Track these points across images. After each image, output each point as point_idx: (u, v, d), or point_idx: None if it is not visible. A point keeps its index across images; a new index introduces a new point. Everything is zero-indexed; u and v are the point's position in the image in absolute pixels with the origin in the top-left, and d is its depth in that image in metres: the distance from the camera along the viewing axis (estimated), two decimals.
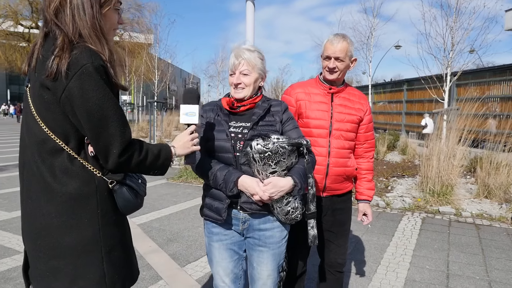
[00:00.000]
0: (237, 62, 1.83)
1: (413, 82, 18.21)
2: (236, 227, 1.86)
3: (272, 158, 1.68)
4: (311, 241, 1.89)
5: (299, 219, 1.82)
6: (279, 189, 1.70)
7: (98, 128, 1.28)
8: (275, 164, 1.69)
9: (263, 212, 1.82)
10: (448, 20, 8.87)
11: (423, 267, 3.68)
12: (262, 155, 1.67)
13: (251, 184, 1.72)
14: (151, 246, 4.14)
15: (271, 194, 1.69)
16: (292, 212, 1.77)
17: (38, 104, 1.34)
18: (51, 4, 1.32)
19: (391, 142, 12.92)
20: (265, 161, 1.68)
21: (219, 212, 1.80)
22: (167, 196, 6.54)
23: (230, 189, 1.72)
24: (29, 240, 1.40)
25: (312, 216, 1.88)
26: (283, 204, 1.76)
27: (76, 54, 1.26)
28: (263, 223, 1.85)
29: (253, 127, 1.80)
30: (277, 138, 1.71)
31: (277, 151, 1.67)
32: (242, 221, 1.84)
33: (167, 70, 17.83)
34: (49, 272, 1.35)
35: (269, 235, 1.87)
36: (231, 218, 1.85)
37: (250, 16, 5.85)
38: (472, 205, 5.96)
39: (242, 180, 1.73)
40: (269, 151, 1.66)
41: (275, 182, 1.70)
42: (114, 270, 1.40)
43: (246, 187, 1.73)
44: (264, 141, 1.68)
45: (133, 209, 1.44)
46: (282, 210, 1.77)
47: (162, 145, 1.50)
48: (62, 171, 1.32)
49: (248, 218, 1.84)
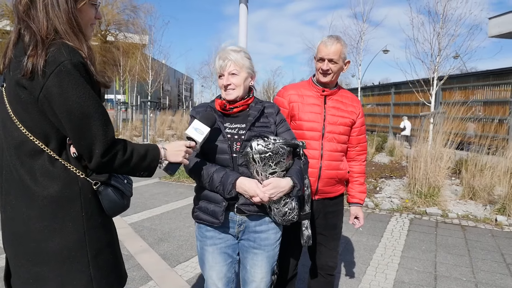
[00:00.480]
0: (224, 64, 1.81)
1: (400, 85, 18.46)
2: (232, 230, 1.85)
3: (273, 158, 1.68)
4: (305, 242, 1.91)
5: (295, 220, 1.83)
6: (279, 190, 1.70)
7: (80, 127, 1.23)
8: (275, 164, 1.70)
9: (260, 214, 1.82)
10: (435, 26, 9.03)
11: (411, 268, 3.74)
12: (263, 156, 1.66)
13: (250, 185, 1.70)
14: (142, 246, 4.12)
15: (271, 195, 1.69)
16: (289, 213, 1.78)
17: (15, 104, 1.28)
18: (21, 0, 1.27)
19: (379, 143, 13.08)
20: (266, 161, 1.68)
21: (216, 215, 1.77)
22: (159, 195, 6.51)
23: (229, 191, 1.70)
24: (10, 247, 1.34)
25: (307, 217, 1.89)
26: (280, 205, 1.77)
27: (53, 51, 1.21)
28: (259, 225, 1.85)
29: (250, 128, 1.80)
30: (274, 139, 1.71)
31: (278, 152, 1.67)
32: (238, 224, 1.83)
33: (161, 71, 17.77)
34: (32, 279, 1.29)
35: (265, 237, 1.87)
36: (228, 221, 1.83)
37: (243, 18, 5.86)
38: (458, 206, 6.08)
39: (240, 182, 1.72)
40: (270, 151, 1.66)
41: (275, 183, 1.69)
42: (102, 274, 1.35)
43: (245, 189, 1.71)
44: (265, 142, 1.68)
45: (119, 211, 1.40)
46: (280, 211, 1.77)
47: (150, 145, 1.45)
48: (43, 173, 1.27)
49: (245, 220, 1.83)
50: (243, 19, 5.88)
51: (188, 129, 1.65)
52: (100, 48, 22.44)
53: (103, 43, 23.24)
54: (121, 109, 18.79)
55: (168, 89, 53.26)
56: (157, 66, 16.66)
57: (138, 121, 18.66)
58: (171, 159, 1.52)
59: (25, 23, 1.26)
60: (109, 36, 23.97)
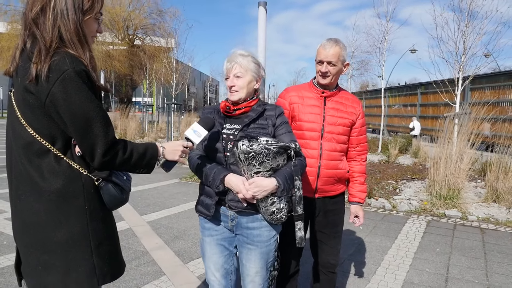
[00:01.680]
0: (230, 66, 1.92)
1: (428, 86, 18.03)
2: (226, 224, 1.95)
3: (256, 158, 1.75)
4: (298, 243, 1.94)
5: (284, 220, 1.89)
6: (261, 189, 1.77)
7: (83, 129, 1.35)
8: (259, 164, 1.77)
9: (250, 211, 1.89)
10: (460, 25, 8.79)
11: (422, 270, 3.71)
12: (247, 155, 1.75)
13: (236, 182, 1.79)
14: (158, 243, 4.27)
15: (254, 193, 1.76)
16: (277, 212, 1.84)
17: (23, 108, 1.38)
18: (32, 9, 1.37)
19: (403, 145, 12.85)
20: (250, 161, 1.76)
21: (208, 208, 1.90)
22: (178, 195, 6.69)
23: (217, 185, 1.81)
24: (21, 237, 1.46)
25: (299, 218, 1.92)
26: (267, 204, 1.83)
27: (58, 60, 1.31)
28: (251, 222, 1.92)
29: (243, 129, 1.89)
30: (266, 140, 1.78)
31: (261, 152, 1.74)
32: (231, 218, 1.92)
33: (185, 73, 18.17)
34: (41, 267, 1.41)
35: (257, 234, 1.93)
36: (221, 214, 1.94)
37: (262, 21, 5.99)
38: (480, 209, 5.93)
39: (228, 178, 1.81)
40: (252, 151, 1.74)
41: (258, 182, 1.77)
42: (103, 262, 1.47)
43: (231, 185, 1.81)
44: (250, 142, 1.76)
45: (119, 204, 1.52)
46: (267, 210, 1.84)
47: (149, 144, 1.56)
48: (49, 171, 1.38)
49: (236, 216, 1.92)
50: (262, 22, 5.99)
51: (188, 131, 1.77)
52: (127, 52, 23.17)
53: (131, 47, 23.97)
54: (147, 111, 19.29)
55: (194, 91, 54.09)
56: (181, 69, 17.05)
57: (164, 123, 19.11)
58: (169, 157, 1.63)
59: (31, 30, 1.37)
60: (136, 40, 24.69)
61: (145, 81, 21.66)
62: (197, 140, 1.75)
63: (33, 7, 1.37)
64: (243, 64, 1.91)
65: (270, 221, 1.90)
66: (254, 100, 1.98)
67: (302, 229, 1.94)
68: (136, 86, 27.83)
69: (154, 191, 6.84)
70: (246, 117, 1.94)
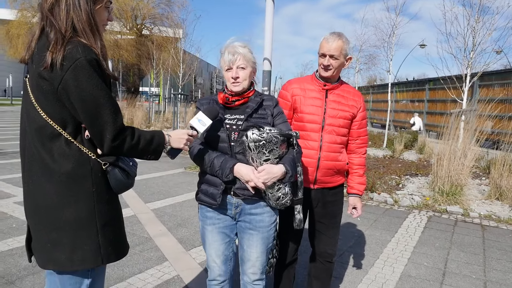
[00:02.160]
0: (233, 58, 1.96)
1: (436, 81, 17.87)
2: (229, 212, 2.02)
3: (267, 146, 1.83)
4: (297, 225, 2.04)
5: (288, 205, 1.97)
6: (272, 176, 1.84)
7: (92, 115, 1.42)
8: (269, 152, 1.85)
9: (254, 198, 1.97)
10: (470, 20, 8.71)
11: (420, 264, 3.76)
12: (257, 144, 1.82)
13: (247, 171, 1.86)
14: (161, 230, 4.37)
15: (264, 180, 1.83)
16: (282, 197, 1.92)
17: (37, 93, 1.46)
18: (47, 0, 1.45)
19: (408, 140, 12.81)
20: (260, 149, 1.83)
21: (214, 197, 1.95)
22: (183, 184, 6.78)
23: (226, 175, 1.87)
24: (32, 216, 1.54)
25: (299, 202, 2.03)
26: (274, 190, 1.91)
27: (71, 49, 1.39)
28: (254, 208, 2.00)
29: (247, 119, 1.95)
30: (269, 129, 1.85)
31: (271, 140, 1.82)
32: (235, 206, 2.00)
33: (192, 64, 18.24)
34: (50, 244, 1.49)
35: (260, 219, 2.01)
36: (226, 203, 2.00)
37: (269, 14, 6.00)
38: (482, 206, 5.95)
39: (237, 167, 1.88)
40: (263, 140, 1.81)
41: (268, 169, 1.84)
42: (108, 242, 1.55)
43: (241, 174, 1.87)
44: (260, 131, 1.83)
45: (124, 189, 1.59)
46: (274, 196, 1.92)
47: (156, 131, 1.63)
48: (60, 154, 1.46)
49: (241, 203, 1.99)
50: (269, 15, 6.01)
51: (192, 120, 1.84)
52: (135, 41, 23.24)
53: (139, 36, 24.04)
54: (154, 101, 19.38)
55: (201, 82, 54.14)
56: (188, 59, 17.10)
57: (170, 113, 19.22)
58: (174, 145, 1.70)
59: (49, 20, 1.44)
60: (144, 30, 24.73)
61: (152, 71, 21.76)
62: (202, 129, 1.82)
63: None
64: (246, 55, 1.96)
65: (275, 206, 1.97)
66: (251, 91, 2.04)
67: (301, 212, 2.03)
68: (143, 76, 27.94)
69: (159, 180, 6.94)
70: (247, 108, 2.00)
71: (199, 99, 2.25)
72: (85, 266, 1.51)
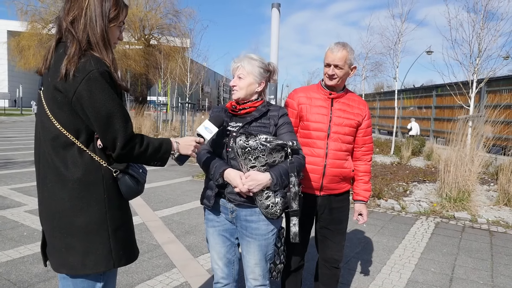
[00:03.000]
0: (235, 66, 2.08)
1: (443, 88, 17.82)
2: (226, 216, 2.08)
3: (252, 153, 1.88)
4: (292, 238, 2.00)
5: (278, 214, 1.97)
6: (256, 183, 1.88)
7: (105, 124, 1.50)
8: (254, 159, 1.90)
9: (247, 204, 2.00)
10: (475, 26, 8.73)
11: (427, 270, 3.76)
12: (243, 150, 1.89)
13: (234, 176, 1.93)
14: (170, 237, 4.42)
15: (249, 186, 1.88)
16: (271, 206, 1.94)
17: (52, 104, 1.53)
18: (69, 14, 1.54)
19: (416, 147, 12.78)
20: (246, 155, 1.90)
21: (209, 199, 2.05)
22: (191, 192, 6.84)
23: (216, 179, 1.96)
24: (46, 221, 1.59)
25: (294, 214, 1.98)
26: (263, 197, 1.94)
27: (84, 62, 1.46)
28: (249, 215, 2.03)
29: (244, 126, 2.02)
30: (265, 137, 1.90)
31: (256, 148, 1.87)
32: (230, 211, 2.05)
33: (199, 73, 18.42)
34: (64, 248, 1.56)
35: (255, 227, 2.04)
36: (221, 206, 2.08)
37: (275, 22, 6.10)
38: (490, 212, 5.92)
39: (227, 172, 1.95)
40: (248, 147, 1.87)
41: (253, 176, 1.89)
42: (119, 247, 1.61)
43: (230, 179, 1.94)
44: (247, 138, 1.90)
45: (134, 195, 1.65)
46: (262, 204, 1.94)
47: (164, 139, 1.71)
48: (73, 162, 1.52)
49: (236, 208, 2.04)
50: (275, 23, 6.11)
51: (200, 127, 1.93)
52: (143, 51, 23.52)
53: (146, 46, 24.34)
54: (161, 111, 19.58)
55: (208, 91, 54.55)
56: (195, 69, 17.28)
57: (178, 122, 19.39)
58: (182, 152, 1.78)
59: (69, 33, 1.53)
60: (152, 40, 25.06)
61: (160, 80, 22.00)
62: (208, 136, 1.90)
63: (70, 12, 1.54)
64: (246, 67, 2.05)
65: (266, 215, 1.99)
66: (259, 101, 2.11)
67: (297, 225, 1.99)
68: (151, 85, 28.25)
69: (167, 188, 7.01)
70: (250, 116, 2.07)
71: (213, 108, 2.34)
72: (98, 269, 1.57)
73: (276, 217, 2.00)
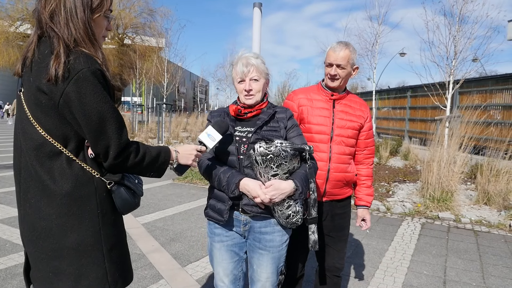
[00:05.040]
0: (246, 70, 1.88)
1: (417, 89, 18.24)
2: (238, 229, 1.92)
3: (274, 160, 1.73)
4: (311, 246, 1.92)
5: (299, 223, 1.86)
6: (280, 192, 1.74)
7: (97, 131, 1.31)
8: (277, 167, 1.75)
9: (264, 215, 1.86)
10: (451, 29, 8.92)
11: (420, 272, 3.73)
12: (264, 158, 1.73)
13: (253, 186, 1.76)
14: (154, 245, 4.21)
15: (272, 196, 1.73)
16: (293, 216, 1.82)
17: (35, 108, 1.34)
18: (46, 7, 1.34)
19: (393, 147, 12.97)
20: (267, 163, 1.74)
21: (221, 213, 1.86)
22: (172, 196, 6.62)
23: (232, 190, 1.77)
24: (30, 243, 1.41)
25: (313, 221, 1.90)
26: (284, 207, 1.81)
27: (73, 60, 1.28)
28: (264, 227, 1.90)
29: (257, 131, 1.86)
30: (280, 142, 1.76)
31: (279, 154, 1.72)
32: (244, 223, 1.89)
33: (177, 73, 18.04)
34: (51, 273, 1.37)
35: (270, 239, 1.91)
36: (233, 219, 1.90)
37: (257, 22, 5.96)
38: (472, 211, 6.01)
39: (244, 182, 1.78)
40: (271, 153, 1.71)
41: (276, 185, 1.74)
42: (115, 268, 1.44)
43: (248, 189, 1.77)
44: (267, 144, 1.74)
45: (130, 209, 1.49)
46: (283, 214, 1.81)
47: (163, 148, 1.53)
48: (61, 173, 1.34)
49: (250, 220, 1.89)
50: (257, 23, 5.97)
51: (202, 134, 1.74)
52: (117, 51, 22.90)
53: (120, 46, 23.72)
54: (137, 111, 19.09)
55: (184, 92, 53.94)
56: (172, 69, 16.92)
57: (154, 123, 18.96)
58: (182, 162, 1.61)
59: (50, 29, 1.33)
60: (126, 39, 24.44)
61: (134, 80, 21.45)
62: (211, 144, 1.73)
63: (47, 5, 1.34)
64: (259, 67, 1.89)
65: (286, 225, 1.87)
66: (264, 102, 1.97)
67: (316, 232, 1.91)
68: (126, 85, 27.59)
69: (147, 192, 6.74)
70: (258, 120, 1.92)
71: (210, 111, 2.17)
72: None
73: (296, 227, 1.88)
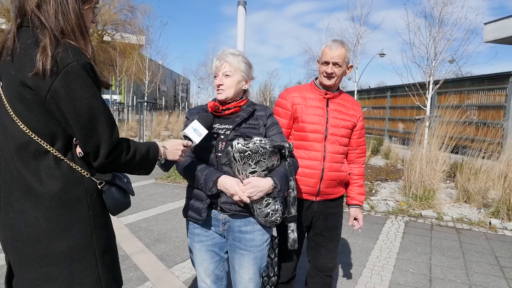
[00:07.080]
0: (219, 64, 1.86)
1: (396, 89, 18.57)
2: (217, 228, 1.88)
3: (252, 157, 1.70)
4: (291, 245, 1.89)
5: (278, 222, 1.83)
6: (258, 189, 1.70)
7: (87, 128, 1.24)
8: (255, 164, 1.71)
9: (243, 214, 1.83)
10: (431, 31, 9.10)
11: (406, 270, 3.77)
12: (242, 154, 1.69)
13: (231, 184, 1.73)
14: (138, 247, 4.11)
15: (250, 194, 1.70)
16: (272, 214, 1.78)
17: (17, 104, 1.25)
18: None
19: (375, 146, 13.15)
20: (245, 160, 1.70)
21: (199, 212, 1.82)
22: (155, 196, 6.50)
23: (210, 188, 1.73)
24: (15, 249, 1.31)
25: (293, 220, 1.87)
26: (262, 205, 1.77)
27: (61, 52, 1.20)
28: (243, 226, 1.86)
29: (235, 128, 1.84)
30: (259, 140, 1.73)
31: (257, 151, 1.69)
32: (222, 222, 1.85)
33: (158, 71, 17.77)
34: (40, 280, 1.28)
35: (250, 238, 1.87)
36: (211, 218, 1.86)
37: (241, 20, 5.90)
38: (453, 209, 6.14)
39: (222, 180, 1.74)
40: (249, 150, 1.68)
41: (255, 182, 1.71)
42: (108, 272, 1.37)
43: (226, 187, 1.74)
44: (245, 141, 1.71)
45: (122, 209, 1.42)
46: (262, 212, 1.78)
47: (151, 144, 1.47)
48: (48, 174, 1.26)
49: (229, 219, 1.85)
50: (241, 21, 5.92)
51: (187, 129, 1.69)
52: (96, 47, 22.37)
53: (100, 42, 23.19)
54: (117, 110, 18.73)
55: (165, 90, 53.35)
56: (154, 67, 16.66)
57: (134, 122, 18.66)
58: (169, 157, 1.55)
59: (36, 18, 1.24)
60: (105, 36, 23.93)
61: (114, 78, 21.01)
62: (197, 139, 1.68)
63: None
64: (233, 63, 1.85)
65: (265, 224, 1.83)
66: (243, 100, 1.93)
67: (295, 231, 1.89)
68: None
69: None
70: (237, 117, 1.89)
71: (189, 108, 2.12)
72: None
73: (275, 225, 1.85)
